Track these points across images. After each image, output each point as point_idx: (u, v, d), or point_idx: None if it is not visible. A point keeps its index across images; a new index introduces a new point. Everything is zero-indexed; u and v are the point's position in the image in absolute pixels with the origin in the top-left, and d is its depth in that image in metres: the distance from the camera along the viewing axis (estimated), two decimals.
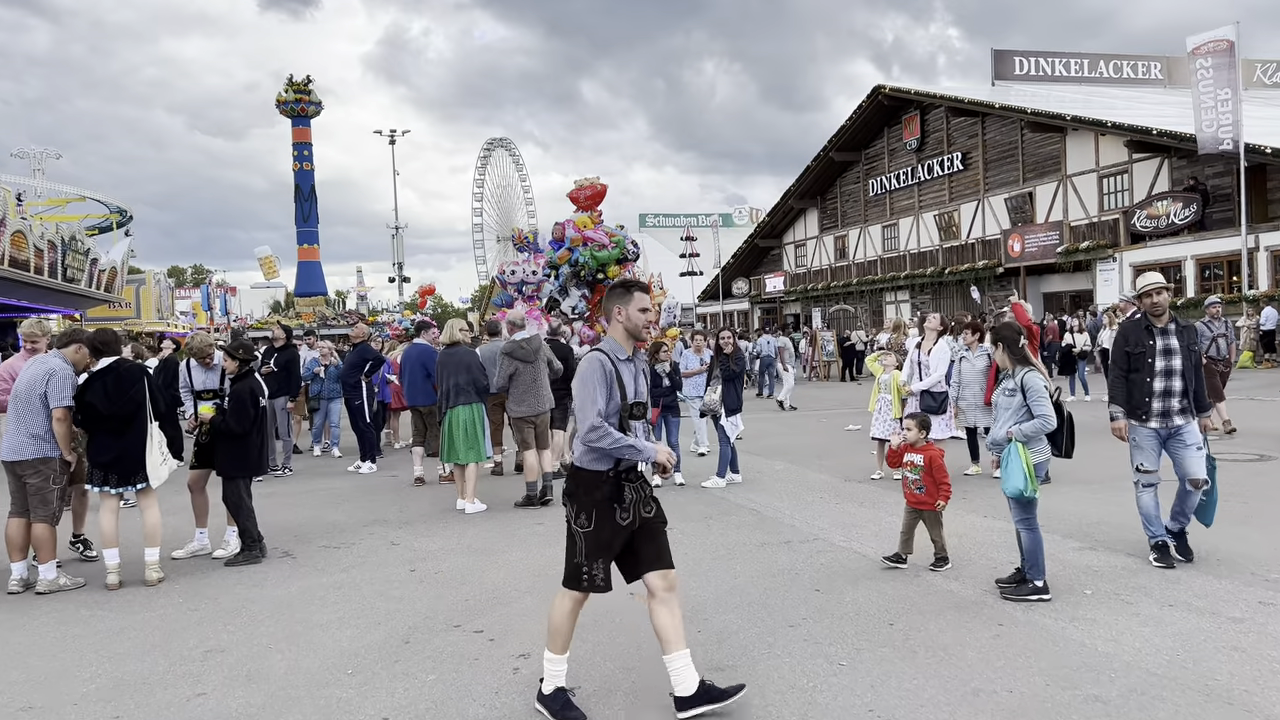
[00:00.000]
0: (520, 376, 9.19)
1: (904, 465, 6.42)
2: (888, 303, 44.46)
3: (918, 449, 6.39)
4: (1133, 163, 32.22)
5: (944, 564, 6.23)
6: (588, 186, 19.47)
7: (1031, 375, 5.69)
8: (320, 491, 10.68)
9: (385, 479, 11.45)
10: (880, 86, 43.34)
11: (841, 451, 12.19)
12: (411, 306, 59.49)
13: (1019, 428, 5.57)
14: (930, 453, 6.35)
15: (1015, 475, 5.44)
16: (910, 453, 6.41)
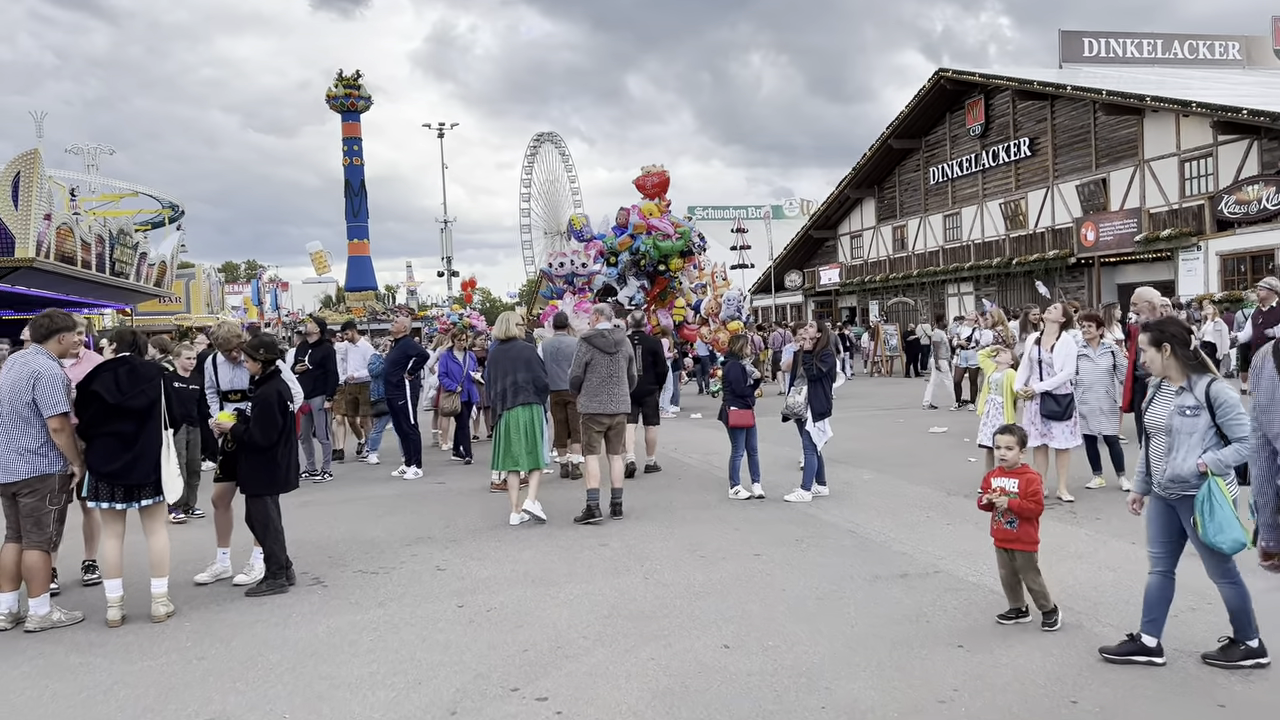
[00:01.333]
0: (595, 368, 8.25)
1: (991, 492, 5.07)
2: (950, 295, 42.79)
3: (1012, 472, 5.13)
4: (1218, 145, 30.30)
5: (1055, 621, 4.93)
6: (655, 174, 18.40)
7: (1220, 386, 4.33)
8: (360, 501, 9.74)
9: (431, 486, 10.49)
10: (943, 70, 41.63)
11: (933, 458, 10.97)
12: (459, 301, 58.86)
13: (1214, 457, 4.19)
14: (1027, 476, 5.07)
15: (1227, 524, 4.07)
16: (1001, 477, 5.12)
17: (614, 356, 8.39)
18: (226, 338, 7.25)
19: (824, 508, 8.28)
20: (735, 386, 9.03)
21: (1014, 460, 5.16)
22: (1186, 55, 43.56)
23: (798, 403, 8.63)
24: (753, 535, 7.30)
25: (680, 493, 9.46)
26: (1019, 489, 4.99)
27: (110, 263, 31.88)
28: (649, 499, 9.13)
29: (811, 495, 8.63)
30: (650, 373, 10.80)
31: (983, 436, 8.66)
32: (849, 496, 8.77)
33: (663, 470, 10.73)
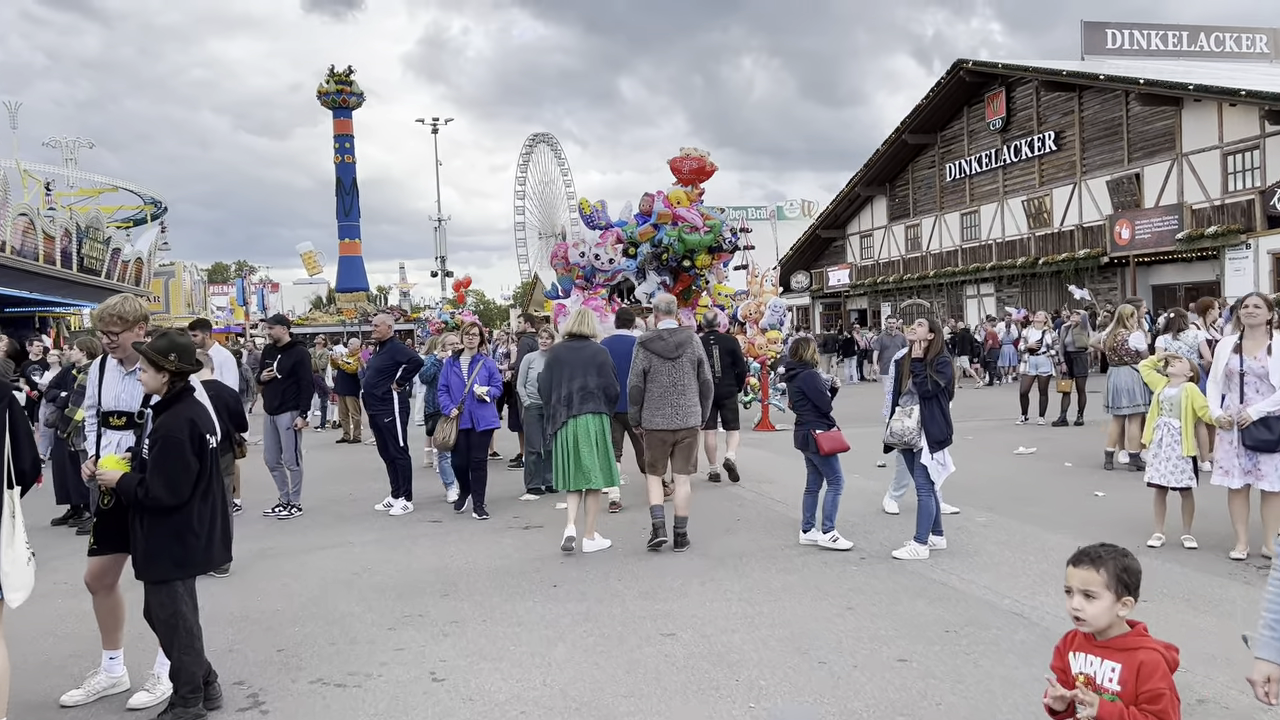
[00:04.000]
0: (656, 377, 7.06)
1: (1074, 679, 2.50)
2: (969, 296, 40.85)
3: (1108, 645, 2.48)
4: (1265, 137, 28.36)
5: None
6: (694, 158, 16.23)
7: None
8: (333, 550, 7.63)
9: (424, 527, 8.39)
10: (962, 61, 39.66)
11: (1046, 492, 8.90)
12: (452, 301, 56.71)
13: None
14: (1140, 654, 2.42)
15: None
16: (1090, 651, 2.51)
17: (676, 362, 7.08)
18: (108, 316, 4.40)
19: (950, 569, 6.20)
20: (818, 402, 6.98)
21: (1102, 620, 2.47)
22: (1213, 48, 41.62)
23: (908, 427, 6.55)
24: (877, 620, 5.23)
25: (745, 536, 7.40)
26: (1121, 680, 2.41)
27: (79, 258, 29.71)
28: (712, 544, 7.06)
29: (929, 550, 6.56)
30: (730, 373, 10.07)
31: (1153, 473, 6.59)
32: (973, 550, 6.69)
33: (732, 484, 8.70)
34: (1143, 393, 9.91)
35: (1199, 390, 6.44)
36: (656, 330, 7.29)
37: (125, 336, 4.39)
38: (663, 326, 7.26)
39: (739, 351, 10.48)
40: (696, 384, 7.12)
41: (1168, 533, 6.62)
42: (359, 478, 11.56)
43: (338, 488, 10.89)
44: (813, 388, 7.00)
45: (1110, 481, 9.18)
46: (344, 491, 10.60)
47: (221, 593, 6.25)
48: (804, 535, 7.10)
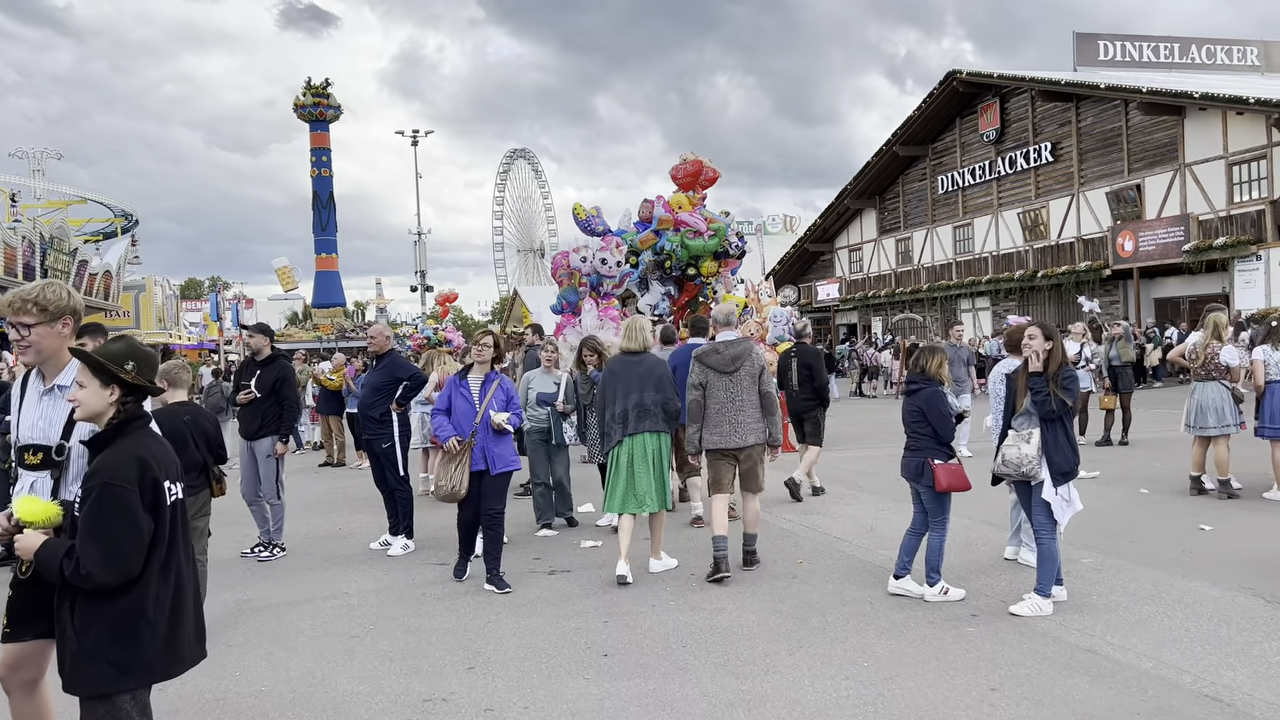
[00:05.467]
0: (713, 393, 6.62)
1: None
2: (964, 310, 40.04)
3: None
4: (1273, 146, 27.73)
5: None
6: (692, 163, 15.22)
7: None
8: (325, 603, 6.41)
9: (431, 571, 7.17)
10: (955, 71, 38.96)
11: (1143, 524, 7.80)
12: (434, 317, 55.30)
13: None
14: None
15: None
16: None
17: (734, 376, 6.61)
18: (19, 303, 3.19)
19: (1089, 630, 5.08)
20: (939, 427, 5.85)
21: None
22: (1204, 60, 41.19)
23: (1026, 455, 5.44)
24: (1037, 707, 4.10)
25: (819, 584, 6.25)
26: None
27: (42, 270, 28.25)
28: (784, 595, 5.90)
29: (1052, 604, 5.43)
30: (807, 387, 9.84)
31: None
32: (1102, 604, 5.57)
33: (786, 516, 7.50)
34: (1232, 412, 8.89)
35: None
36: (714, 343, 6.82)
37: (43, 334, 3.18)
38: (721, 338, 6.78)
39: (818, 365, 9.98)
40: (758, 399, 6.63)
41: None
42: (348, 508, 10.32)
43: (325, 521, 9.65)
44: (935, 410, 5.83)
45: (1207, 511, 8.13)
46: (332, 526, 9.36)
47: None
48: (894, 582, 5.98)
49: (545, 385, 8.74)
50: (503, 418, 6.50)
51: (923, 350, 6.14)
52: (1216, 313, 9.29)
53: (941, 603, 5.66)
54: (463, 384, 6.69)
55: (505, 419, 6.51)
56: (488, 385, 6.64)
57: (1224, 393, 8.89)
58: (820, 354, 10.40)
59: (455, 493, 6.48)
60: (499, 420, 6.50)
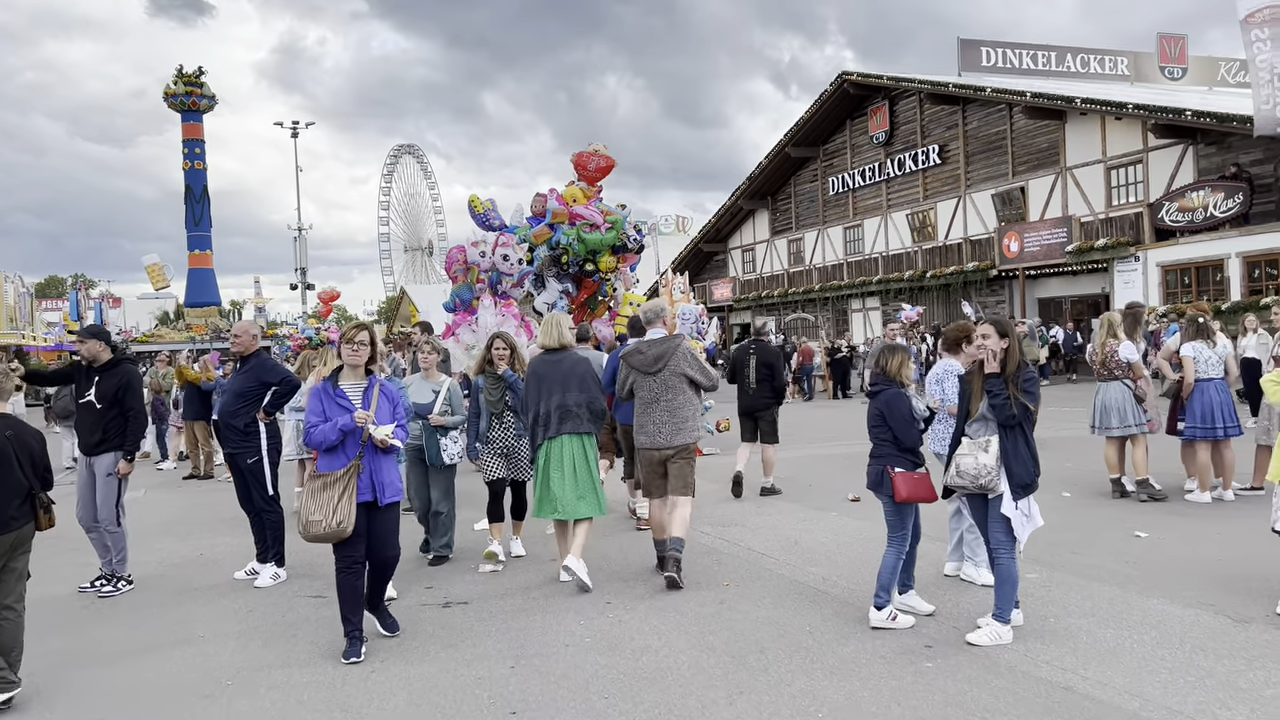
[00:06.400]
0: (639, 392, 6.57)
1: None
2: (854, 310, 40.48)
3: None
4: (1149, 151, 28.71)
5: None
6: (604, 155, 14.48)
7: None
8: (177, 652, 5.41)
9: (305, 607, 6.23)
10: (846, 73, 39.34)
11: (1077, 532, 7.40)
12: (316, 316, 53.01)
13: None
14: None
15: None
16: None
17: (658, 376, 6.49)
18: None
19: (1056, 661, 4.55)
20: (900, 432, 5.29)
21: None
22: (1079, 68, 42.72)
23: (984, 465, 4.89)
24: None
25: (750, 611, 5.57)
26: None
27: None
28: (714, 628, 5.20)
29: (1011, 630, 4.89)
30: (767, 385, 9.74)
31: None
32: (1061, 628, 5.06)
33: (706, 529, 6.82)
34: (1135, 412, 8.66)
35: None
36: (639, 341, 6.69)
37: None
38: (648, 337, 6.62)
39: (778, 365, 9.90)
40: (688, 398, 6.49)
41: None
42: (213, 529, 9.20)
43: (184, 545, 8.53)
44: (896, 413, 5.26)
45: (1136, 516, 7.83)
46: (192, 551, 8.25)
47: None
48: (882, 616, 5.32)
49: (421, 394, 7.18)
50: (387, 431, 5.22)
51: (883, 349, 5.56)
52: (1111, 312, 9.10)
53: (894, 634, 5.06)
54: (338, 391, 5.31)
55: (390, 432, 5.24)
56: (369, 392, 5.37)
57: (1126, 392, 8.66)
58: (780, 353, 10.31)
59: (339, 531, 5.02)
60: (383, 435, 5.18)
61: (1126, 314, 9.40)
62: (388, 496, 5.25)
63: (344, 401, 5.26)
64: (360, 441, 5.15)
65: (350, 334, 5.47)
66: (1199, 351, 8.36)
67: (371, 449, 5.19)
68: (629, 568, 6.83)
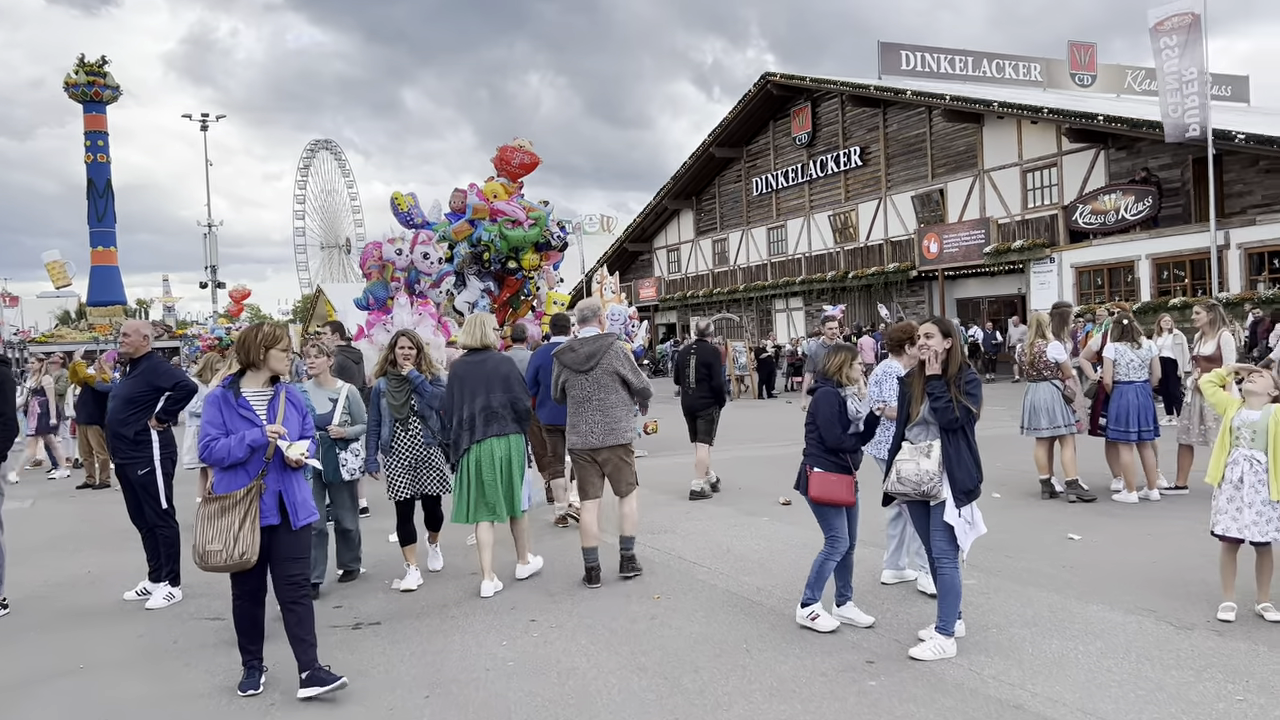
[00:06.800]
0: (571, 391, 6.44)
1: None
2: (778, 311, 40.70)
3: None
4: (1063, 155, 29.39)
5: None
6: (528, 151, 14.08)
7: None
8: (61, 685, 4.89)
9: (202, 630, 5.73)
10: (770, 74, 39.52)
11: (1010, 535, 7.26)
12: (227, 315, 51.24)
13: None
14: None
15: None
16: None
17: (590, 374, 6.36)
18: None
19: (1003, 675, 4.35)
20: (824, 431, 5.09)
21: None
22: (994, 74, 43.71)
23: (926, 471, 4.68)
24: None
25: (682, 626, 5.27)
26: None
27: None
28: (646, 646, 4.89)
29: (954, 641, 4.69)
30: (705, 385, 9.73)
31: (1226, 523, 5.01)
32: (1004, 639, 4.88)
33: (657, 571, 6.49)
34: (1064, 412, 8.64)
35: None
36: (571, 339, 6.59)
37: None
38: (580, 335, 6.51)
39: (716, 365, 9.84)
40: (621, 397, 6.38)
41: (1236, 598, 5.09)
42: (103, 544, 8.56)
43: (71, 562, 7.89)
44: (821, 411, 5.11)
45: (1067, 518, 7.78)
46: (79, 569, 7.63)
47: None
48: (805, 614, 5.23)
49: (316, 403, 6.41)
50: (301, 448, 4.60)
51: (831, 349, 5.34)
52: (1039, 312, 9.08)
53: (833, 647, 4.81)
54: (240, 400, 4.63)
55: (304, 450, 4.61)
56: (275, 401, 4.71)
57: (1055, 393, 8.63)
58: (719, 353, 10.25)
59: (241, 562, 4.40)
60: (296, 453, 4.56)
61: (1054, 314, 9.38)
62: (301, 518, 4.63)
63: (247, 412, 4.60)
64: (264, 458, 4.54)
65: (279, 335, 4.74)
66: (1121, 354, 8.36)
67: (278, 465, 4.58)
68: (555, 580, 6.48)
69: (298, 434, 4.70)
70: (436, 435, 6.39)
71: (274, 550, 4.55)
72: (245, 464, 4.52)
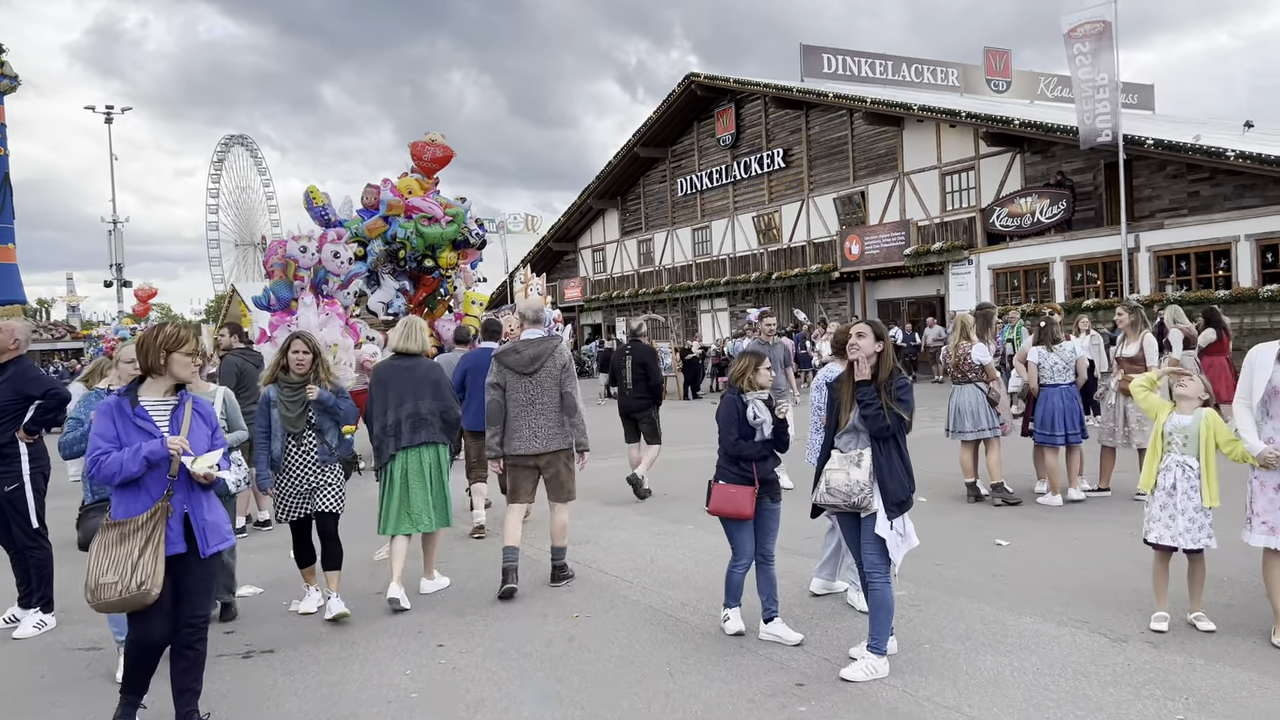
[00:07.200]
0: (511, 395, 6.18)
1: None
2: (703, 311, 40.68)
3: None
4: (980, 158, 29.90)
5: None
6: (440, 145, 13.60)
7: None
8: None
9: (78, 663, 5.21)
10: (694, 74, 39.47)
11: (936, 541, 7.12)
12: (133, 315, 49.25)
13: None
14: None
15: None
16: None
17: (533, 377, 6.17)
18: None
19: (941, 698, 4.13)
20: (721, 439, 4.99)
21: None
22: (913, 78, 44.41)
23: (857, 481, 4.45)
24: None
25: (604, 645, 4.96)
26: None
27: None
28: (565, 671, 4.55)
29: (886, 662, 4.46)
30: (642, 385, 9.72)
31: (1159, 531, 4.89)
32: (939, 656, 4.68)
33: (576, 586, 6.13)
34: (989, 415, 8.57)
35: (1220, 419, 4.81)
36: (514, 341, 6.42)
37: None
38: (524, 336, 6.32)
39: (653, 365, 9.85)
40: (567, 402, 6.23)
41: (1167, 607, 4.97)
42: None
43: None
44: (721, 417, 4.90)
45: (993, 522, 7.68)
46: None
47: None
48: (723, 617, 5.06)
49: None
50: (211, 460, 4.03)
51: (739, 354, 5.10)
52: (964, 313, 9.03)
53: (760, 669, 4.55)
54: (138, 410, 4.05)
55: (213, 462, 4.05)
56: (179, 411, 4.15)
57: (980, 395, 8.56)
58: (655, 353, 10.27)
59: (139, 596, 3.82)
60: (203, 467, 3.99)
61: (977, 315, 9.32)
62: (211, 544, 4.06)
63: (145, 423, 4.01)
64: (169, 475, 3.98)
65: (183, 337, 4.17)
66: (1044, 356, 8.30)
67: (185, 482, 4.03)
68: (466, 598, 6.10)
69: (204, 447, 4.14)
70: (334, 450, 5.81)
71: (179, 583, 3.99)
72: (145, 483, 3.96)
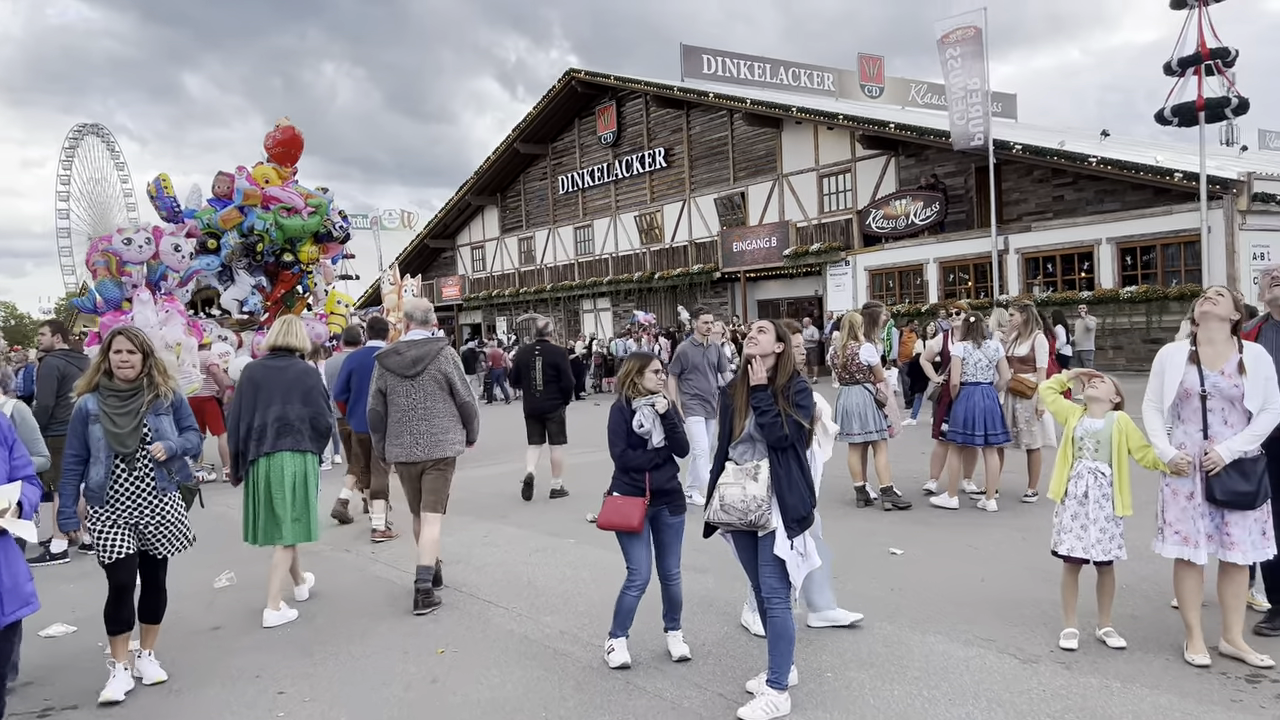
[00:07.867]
0: (394, 399, 5.88)
1: None
2: (585, 311, 40.17)
3: None
4: (856, 161, 30.33)
5: None
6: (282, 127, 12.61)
7: None
8: None
9: None
10: (575, 70, 38.92)
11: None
12: None
13: None
14: None
15: None
16: None
17: (416, 381, 5.90)
18: None
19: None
20: (611, 448, 4.61)
21: None
22: (790, 82, 44.95)
23: (754, 497, 3.98)
24: None
25: (470, 694, 4.35)
26: None
27: None
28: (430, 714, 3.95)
29: (788, 697, 4.01)
30: (554, 386, 9.63)
31: (1070, 542, 4.58)
32: (841, 684, 4.26)
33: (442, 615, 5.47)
34: (876, 417, 8.31)
35: (1133, 422, 4.54)
36: (397, 342, 6.15)
37: None
38: (408, 337, 6.03)
39: (564, 365, 9.80)
40: (449, 407, 5.93)
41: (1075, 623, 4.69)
42: None
43: None
44: (609, 428, 4.39)
45: (885, 528, 7.39)
46: None
47: None
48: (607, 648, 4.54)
49: None
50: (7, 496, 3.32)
51: (633, 357, 4.57)
52: (852, 312, 8.77)
53: (647, 711, 4.03)
54: None
55: (11, 499, 3.34)
56: None
57: (867, 397, 8.31)
58: (565, 353, 10.14)
59: None
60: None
61: (864, 315, 9.06)
62: (7, 611, 3.28)
63: None
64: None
65: None
66: (968, 353, 8.07)
67: None
68: (317, 632, 5.39)
69: (3, 476, 3.35)
70: (174, 476, 4.71)
71: None
72: None
